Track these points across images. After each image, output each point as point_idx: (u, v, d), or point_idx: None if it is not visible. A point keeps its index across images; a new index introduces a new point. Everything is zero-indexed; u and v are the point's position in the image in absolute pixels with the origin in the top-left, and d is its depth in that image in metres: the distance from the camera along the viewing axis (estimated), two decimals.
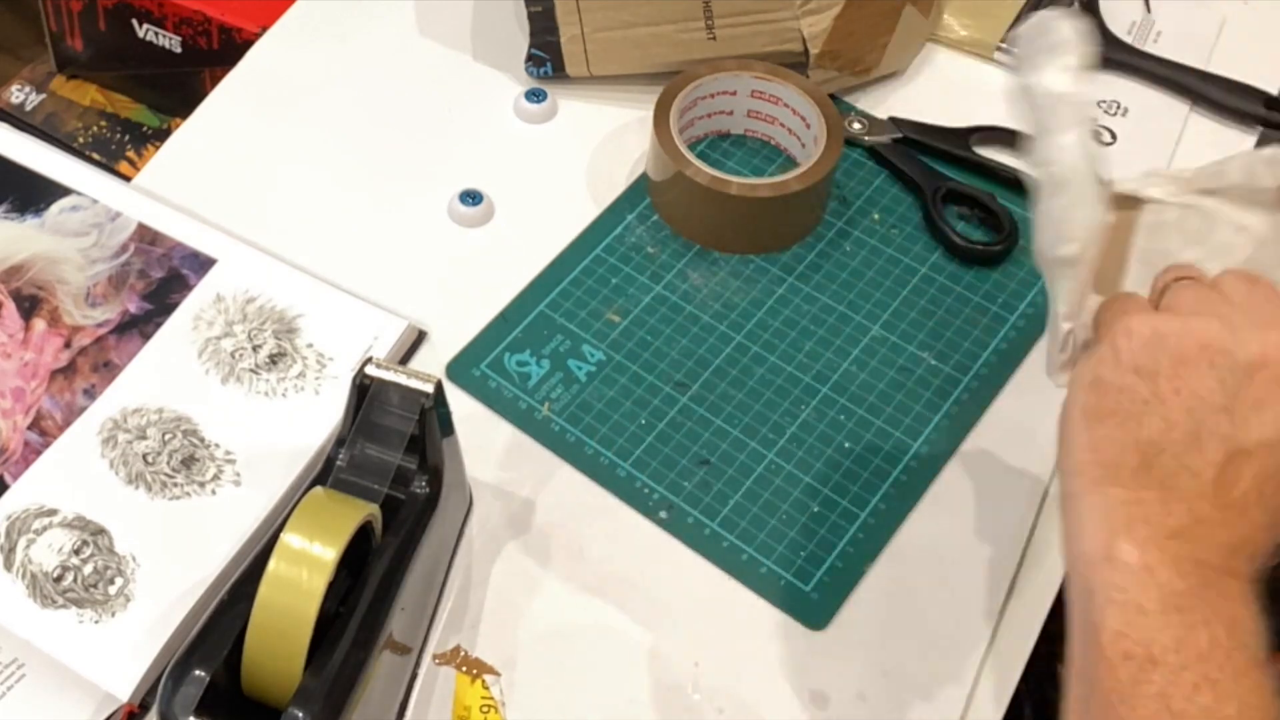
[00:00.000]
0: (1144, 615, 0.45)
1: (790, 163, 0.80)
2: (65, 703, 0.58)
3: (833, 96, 0.84)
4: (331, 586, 0.50)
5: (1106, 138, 0.83)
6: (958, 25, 0.89)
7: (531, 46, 0.82)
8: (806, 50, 0.79)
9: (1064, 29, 0.55)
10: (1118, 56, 0.87)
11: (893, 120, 0.82)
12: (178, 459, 0.65)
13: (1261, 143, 0.86)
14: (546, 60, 0.82)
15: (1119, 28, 0.89)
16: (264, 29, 0.86)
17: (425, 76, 0.85)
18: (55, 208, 0.75)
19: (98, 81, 0.93)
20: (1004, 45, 0.87)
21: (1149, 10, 0.92)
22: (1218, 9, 0.92)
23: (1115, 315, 0.51)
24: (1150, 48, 0.88)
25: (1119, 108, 0.85)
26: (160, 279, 0.72)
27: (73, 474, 0.64)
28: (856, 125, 0.82)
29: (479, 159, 0.80)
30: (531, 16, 0.80)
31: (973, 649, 0.62)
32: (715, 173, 0.74)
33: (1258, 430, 0.47)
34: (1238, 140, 0.84)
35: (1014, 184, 0.80)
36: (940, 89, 0.86)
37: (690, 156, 0.74)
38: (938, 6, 0.88)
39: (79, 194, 0.75)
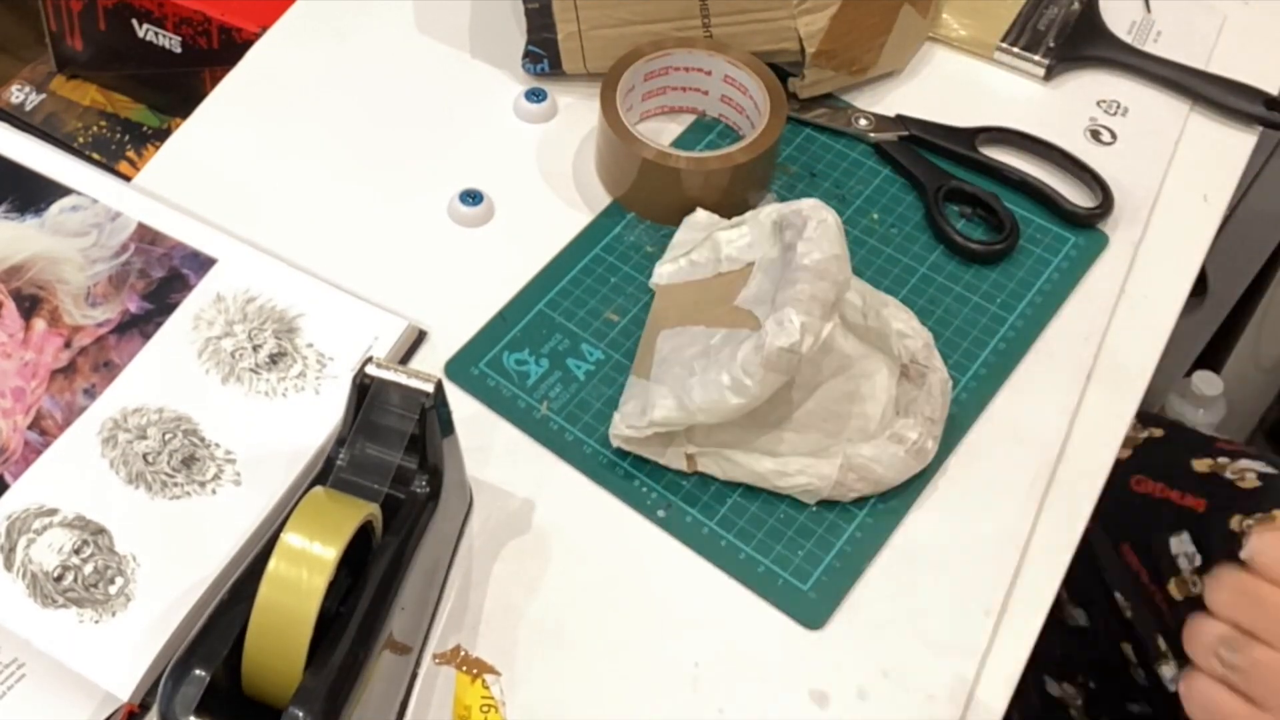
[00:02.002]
0: None
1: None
2: (65, 703, 0.58)
3: (830, 95, 0.84)
4: (331, 586, 0.50)
5: (1106, 137, 0.84)
6: (957, 24, 0.89)
7: (528, 43, 0.82)
8: (803, 50, 0.80)
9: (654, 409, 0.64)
10: (1118, 56, 0.87)
11: (900, 118, 0.82)
12: (178, 459, 0.65)
13: (1261, 143, 0.86)
14: (543, 57, 0.82)
15: (1119, 27, 0.90)
16: (264, 29, 0.86)
17: (425, 76, 0.85)
18: (55, 208, 0.75)
19: (98, 81, 0.93)
20: (1004, 45, 0.87)
21: (1149, 10, 0.92)
22: (1218, 9, 0.92)
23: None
24: (1150, 47, 0.88)
25: (1119, 108, 0.85)
26: (160, 279, 0.72)
27: (73, 474, 0.64)
28: (863, 122, 0.82)
29: (479, 159, 0.80)
30: (528, 13, 0.81)
31: (973, 648, 0.62)
32: (661, 146, 0.75)
33: None
34: (1238, 140, 0.84)
35: (1018, 185, 0.80)
36: (940, 88, 0.86)
37: (636, 132, 0.75)
38: (936, 6, 0.88)
39: (79, 194, 0.75)
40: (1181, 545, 0.78)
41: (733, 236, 0.72)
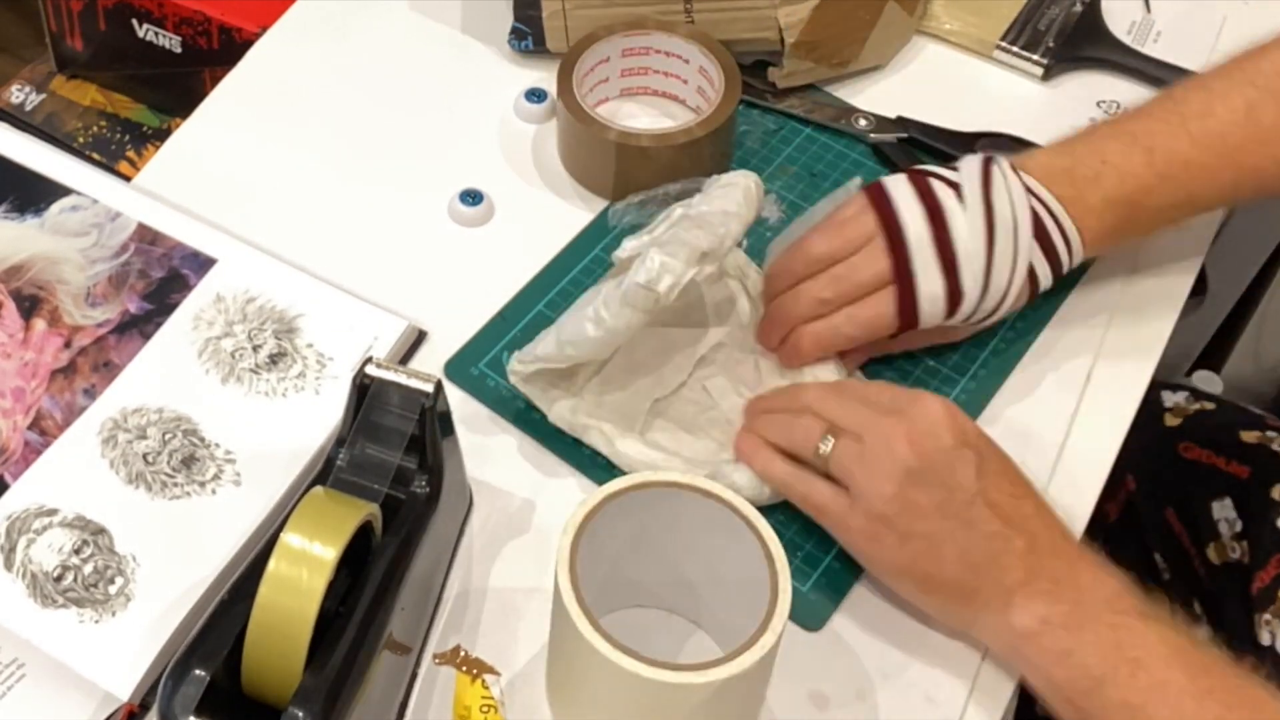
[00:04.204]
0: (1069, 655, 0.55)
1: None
2: (65, 703, 0.58)
3: (813, 86, 0.84)
4: (331, 586, 0.50)
5: None
6: (957, 22, 0.88)
7: (514, 20, 0.82)
8: (783, 39, 0.80)
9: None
10: (1117, 58, 0.87)
11: (900, 120, 0.82)
12: (178, 459, 0.65)
13: None
14: (528, 34, 0.83)
15: (1119, 27, 0.89)
16: (264, 29, 0.86)
17: (425, 76, 0.85)
18: (55, 208, 0.75)
19: (98, 81, 0.93)
20: (1003, 44, 0.87)
21: (1149, 10, 0.92)
22: (1218, 9, 0.92)
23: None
24: (1150, 48, 0.88)
25: (1119, 108, 0.85)
26: (160, 279, 0.72)
27: (73, 474, 0.64)
28: (862, 122, 0.82)
29: (479, 159, 0.80)
30: None
31: (972, 648, 0.62)
32: (623, 126, 0.76)
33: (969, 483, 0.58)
34: None
35: None
36: (938, 85, 0.86)
37: (595, 114, 0.76)
38: (923, 4, 0.88)
39: (79, 194, 0.75)
40: (1223, 510, 0.79)
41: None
